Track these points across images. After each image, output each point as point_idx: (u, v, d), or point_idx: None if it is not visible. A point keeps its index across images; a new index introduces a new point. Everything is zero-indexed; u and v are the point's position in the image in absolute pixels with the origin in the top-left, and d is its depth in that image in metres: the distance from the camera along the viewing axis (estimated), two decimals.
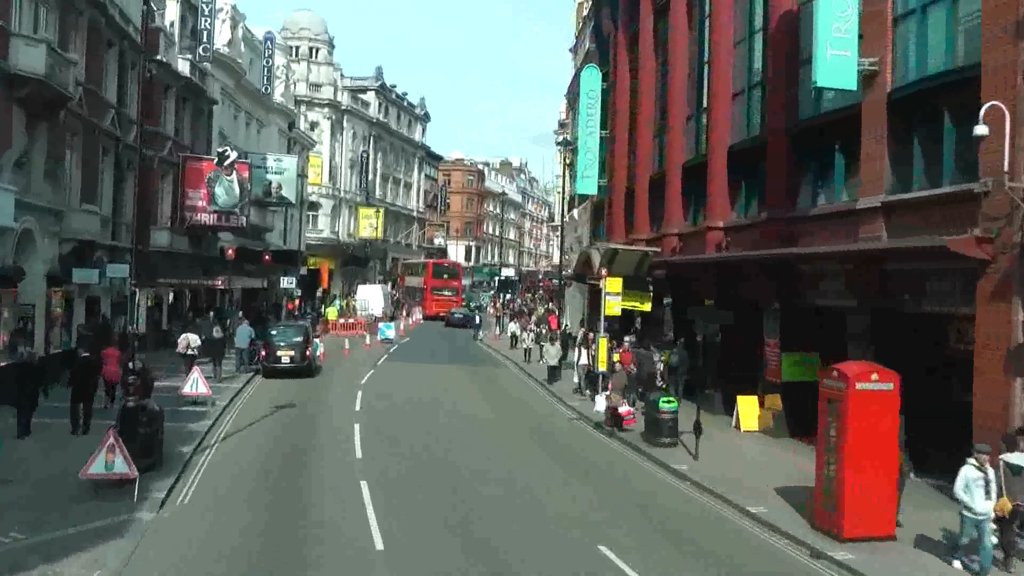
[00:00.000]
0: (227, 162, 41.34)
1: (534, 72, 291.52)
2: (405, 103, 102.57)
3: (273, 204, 54.68)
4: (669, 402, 21.51)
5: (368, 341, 44.34)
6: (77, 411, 20.43)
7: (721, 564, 13.34)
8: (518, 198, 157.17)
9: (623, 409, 23.40)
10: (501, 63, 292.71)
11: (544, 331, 41.03)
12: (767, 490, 17.30)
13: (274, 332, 32.56)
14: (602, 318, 27.57)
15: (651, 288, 30.20)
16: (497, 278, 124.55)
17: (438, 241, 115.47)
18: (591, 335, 31.67)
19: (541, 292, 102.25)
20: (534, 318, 59.69)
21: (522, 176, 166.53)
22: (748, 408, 24.10)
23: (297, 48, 79.12)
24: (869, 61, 19.34)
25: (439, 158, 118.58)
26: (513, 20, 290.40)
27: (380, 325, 49.15)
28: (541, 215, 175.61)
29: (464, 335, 57.52)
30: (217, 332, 32.10)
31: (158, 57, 38.31)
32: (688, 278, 29.51)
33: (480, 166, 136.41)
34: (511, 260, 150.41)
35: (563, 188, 77.86)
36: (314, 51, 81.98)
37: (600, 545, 13.83)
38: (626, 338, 30.22)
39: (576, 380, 30.26)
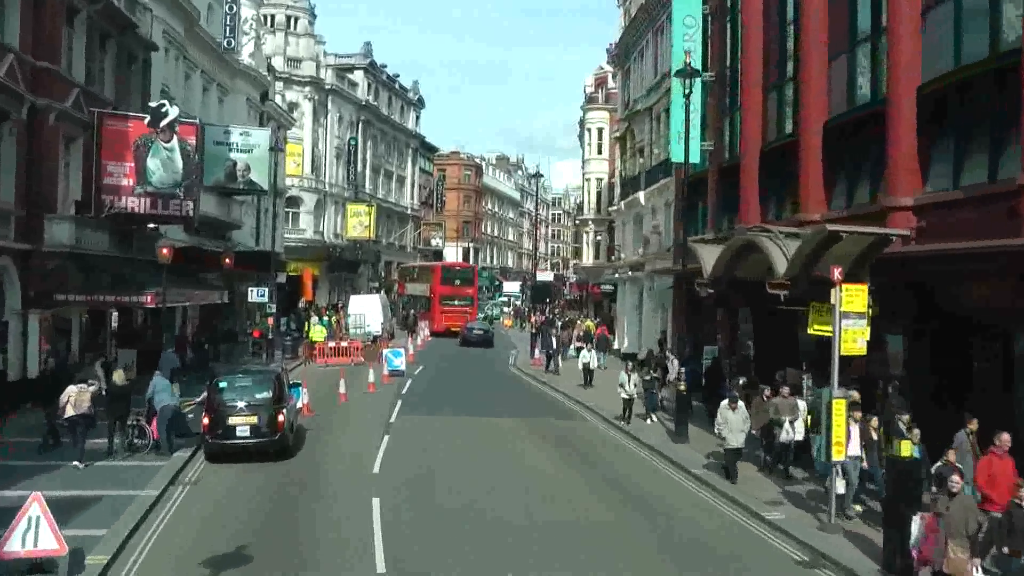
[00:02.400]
0: (165, 122, 28.24)
1: (521, 73, 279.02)
2: (397, 86, 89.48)
3: (239, 191, 41.62)
4: None
5: (371, 377, 31.17)
6: None
7: None
8: (516, 196, 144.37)
9: None
10: (486, 62, 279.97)
11: (656, 371, 28.09)
12: None
13: (223, 384, 19.33)
14: (835, 361, 14.67)
15: (875, 300, 17.37)
16: (498, 282, 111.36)
17: (435, 242, 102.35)
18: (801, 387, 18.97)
19: (557, 300, 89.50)
20: (577, 332, 47.51)
21: (520, 172, 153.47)
22: None
23: (273, 17, 66.02)
24: None
25: (434, 149, 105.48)
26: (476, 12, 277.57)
27: (385, 351, 36.03)
28: (541, 214, 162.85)
29: (489, 357, 44.67)
30: (119, 378, 19.26)
31: None
32: (942, 283, 16.93)
33: (477, 160, 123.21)
34: (510, 263, 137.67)
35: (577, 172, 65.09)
36: (292, 21, 68.83)
37: None
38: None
39: (841, 486, 15.14)
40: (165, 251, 24.72)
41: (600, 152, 61.76)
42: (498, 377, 36.80)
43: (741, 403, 18.15)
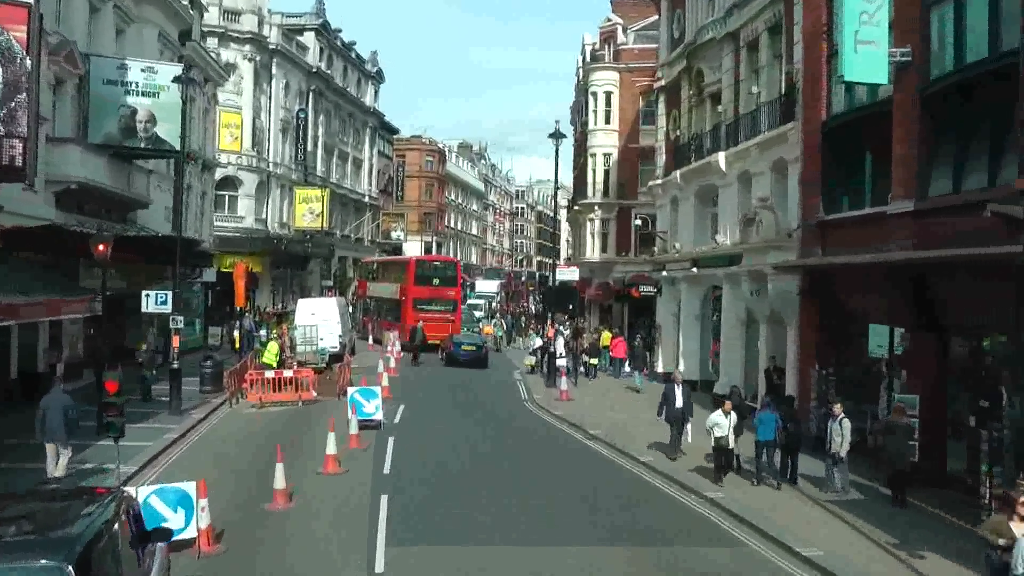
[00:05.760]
0: None
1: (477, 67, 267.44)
2: (353, 54, 76.96)
3: (141, 152, 29.36)
4: None
5: (331, 444, 18.64)
6: None
7: None
8: (480, 186, 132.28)
9: None
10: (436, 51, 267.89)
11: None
12: None
13: None
14: None
15: None
16: (464, 279, 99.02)
17: (395, 235, 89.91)
18: None
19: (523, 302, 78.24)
20: (585, 344, 36.48)
21: (483, 162, 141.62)
22: None
23: None
24: None
25: (395, 131, 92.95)
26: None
27: (351, 392, 23.71)
28: (504, 207, 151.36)
29: (490, 383, 33.06)
30: None
31: None
32: None
33: (440, 145, 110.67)
34: (474, 259, 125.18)
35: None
36: None
37: None
38: None
39: None
40: None
41: (608, 121, 50.23)
42: (523, 425, 24.90)
43: None
